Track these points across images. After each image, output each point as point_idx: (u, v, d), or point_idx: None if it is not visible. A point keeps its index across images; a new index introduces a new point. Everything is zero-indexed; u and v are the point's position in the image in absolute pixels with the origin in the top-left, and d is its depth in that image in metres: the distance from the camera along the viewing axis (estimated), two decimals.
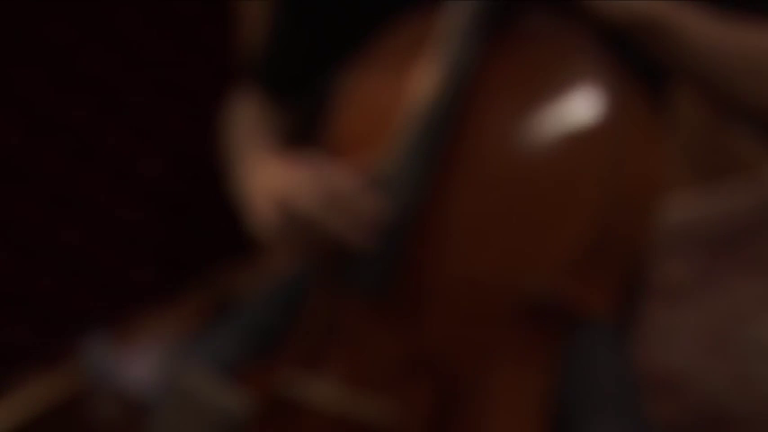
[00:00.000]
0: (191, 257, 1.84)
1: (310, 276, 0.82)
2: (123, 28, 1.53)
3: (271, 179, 0.80)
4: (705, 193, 2.51)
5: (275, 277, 1.05)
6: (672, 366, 1.80)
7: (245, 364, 0.80)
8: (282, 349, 0.81)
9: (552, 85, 0.75)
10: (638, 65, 0.76)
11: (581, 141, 0.72)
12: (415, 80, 0.78)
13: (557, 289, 0.69)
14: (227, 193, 1.38)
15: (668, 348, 1.85)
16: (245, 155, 0.96)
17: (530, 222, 0.72)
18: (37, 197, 1.50)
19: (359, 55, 0.85)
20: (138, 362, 1.81)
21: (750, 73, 0.75)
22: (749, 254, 2.19)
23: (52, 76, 1.44)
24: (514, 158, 0.74)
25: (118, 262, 1.69)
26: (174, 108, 1.67)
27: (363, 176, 0.74)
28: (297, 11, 0.98)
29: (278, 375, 0.77)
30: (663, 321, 1.95)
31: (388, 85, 0.81)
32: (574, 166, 0.71)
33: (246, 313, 0.98)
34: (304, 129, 1.01)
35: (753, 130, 0.82)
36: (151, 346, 1.84)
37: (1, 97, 1.38)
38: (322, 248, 0.74)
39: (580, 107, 0.73)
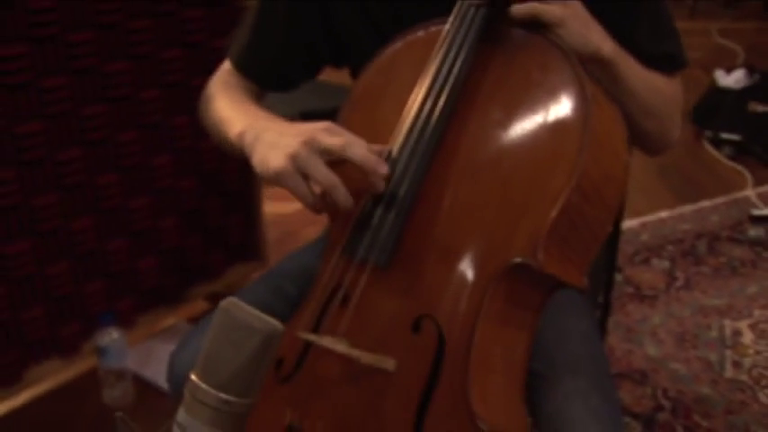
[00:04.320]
0: (199, 256, 1.90)
1: (323, 248, 0.91)
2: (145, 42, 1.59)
3: (289, 128, 0.85)
4: (679, 213, 2.61)
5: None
6: (648, 357, 1.88)
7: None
8: (298, 313, 0.89)
9: (532, 88, 0.84)
10: None
11: (556, 137, 0.81)
12: (417, 85, 0.87)
13: (540, 263, 0.78)
14: (233, 199, 1.41)
15: (644, 342, 1.93)
16: (243, 111, 0.99)
17: (511, 202, 0.80)
18: (58, 190, 1.56)
19: (367, 60, 0.94)
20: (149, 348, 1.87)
21: (649, 99, 0.95)
22: (713, 265, 2.28)
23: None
24: (499, 150, 0.82)
25: (132, 256, 1.75)
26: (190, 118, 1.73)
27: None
28: (287, 21, 1.05)
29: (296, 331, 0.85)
30: (640, 320, 2.03)
31: (395, 87, 0.89)
32: (549, 158, 0.80)
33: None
34: None
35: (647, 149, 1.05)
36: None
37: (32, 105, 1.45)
38: (329, 186, 0.79)
39: (556, 109, 0.82)
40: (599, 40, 0.85)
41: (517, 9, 0.82)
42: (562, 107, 0.81)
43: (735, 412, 1.69)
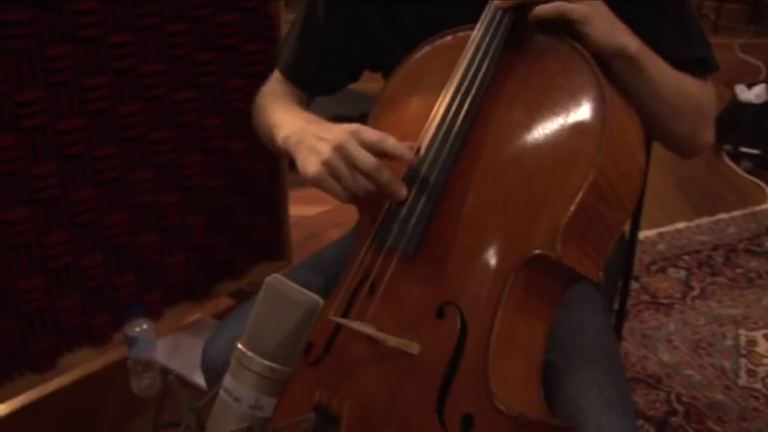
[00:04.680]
0: (225, 253, 1.95)
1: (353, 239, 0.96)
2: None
3: (326, 131, 0.90)
4: (696, 225, 2.64)
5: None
6: (662, 363, 1.91)
7: None
8: (329, 300, 0.94)
9: (554, 91, 0.89)
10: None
11: (575, 138, 0.86)
12: (445, 87, 0.92)
13: (558, 255, 0.83)
14: (260, 199, 1.44)
15: (659, 349, 1.97)
16: (288, 115, 1.05)
17: (532, 197, 0.85)
18: (93, 185, 1.62)
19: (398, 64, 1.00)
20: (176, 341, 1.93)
21: (677, 100, 0.98)
22: (729, 276, 2.31)
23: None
24: (521, 148, 0.88)
25: (162, 250, 1.81)
26: (223, 122, 1.80)
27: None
28: (333, 29, 1.11)
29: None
30: (656, 327, 2.06)
31: (424, 86, 0.95)
32: (570, 154, 0.85)
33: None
34: None
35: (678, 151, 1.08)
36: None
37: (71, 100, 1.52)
38: (364, 189, 0.85)
39: (576, 111, 0.87)
40: (624, 37, 0.90)
41: (543, 8, 0.87)
42: (582, 110, 0.86)
43: (748, 419, 1.72)
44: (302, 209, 2.59)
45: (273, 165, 1.98)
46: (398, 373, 0.87)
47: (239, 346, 0.64)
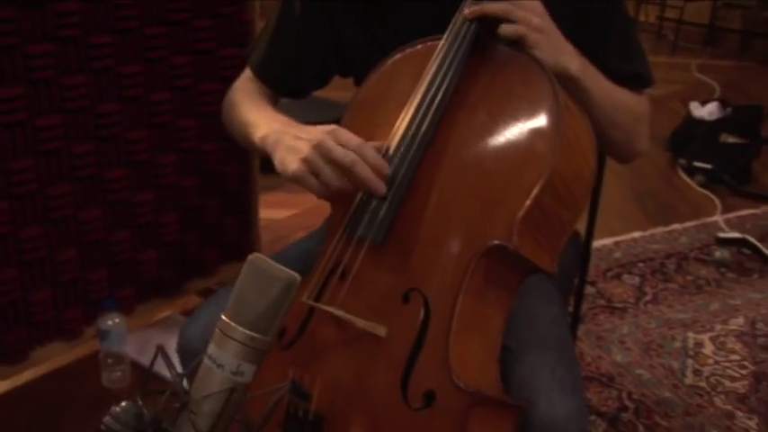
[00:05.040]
0: (196, 251, 2.00)
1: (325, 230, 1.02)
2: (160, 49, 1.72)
3: (304, 132, 0.97)
4: (651, 234, 2.75)
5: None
6: (615, 363, 2.00)
7: None
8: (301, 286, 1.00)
9: (514, 98, 0.97)
10: None
11: (532, 140, 0.93)
12: (414, 91, 0.99)
13: (515, 245, 0.90)
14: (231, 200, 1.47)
15: (612, 350, 2.06)
16: (264, 116, 1.10)
17: (492, 193, 0.92)
18: (69, 181, 1.66)
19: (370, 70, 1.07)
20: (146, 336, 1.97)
21: (615, 111, 1.07)
22: (680, 283, 2.42)
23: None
24: (483, 149, 0.95)
25: (134, 247, 1.85)
26: (197, 124, 1.85)
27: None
28: (302, 33, 1.17)
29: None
30: (610, 329, 2.15)
31: (394, 92, 1.02)
32: (527, 153, 0.93)
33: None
34: None
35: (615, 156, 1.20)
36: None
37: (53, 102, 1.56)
38: (341, 186, 0.91)
39: (534, 116, 0.94)
40: (568, 60, 0.98)
41: (506, 29, 0.95)
42: (539, 115, 0.94)
43: (692, 414, 1.82)
44: (272, 212, 2.65)
45: (245, 167, 2.04)
46: (367, 354, 0.93)
47: (223, 317, 0.70)
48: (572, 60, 1.00)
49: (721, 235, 2.65)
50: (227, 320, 0.69)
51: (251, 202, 2.09)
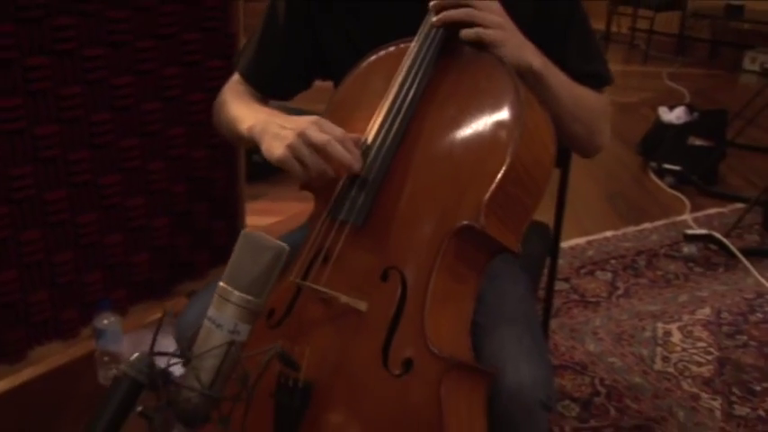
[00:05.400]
0: (186, 255, 2.08)
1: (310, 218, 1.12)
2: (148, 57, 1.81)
3: (288, 122, 1.06)
4: (623, 233, 2.86)
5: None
6: (588, 352, 2.10)
7: None
8: (288, 269, 1.09)
9: (480, 93, 1.07)
10: None
11: (496, 130, 1.03)
12: (388, 89, 1.09)
13: (482, 225, 0.99)
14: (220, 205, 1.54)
15: (586, 340, 2.16)
16: (251, 110, 1.20)
17: (461, 178, 1.02)
18: (65, 187, 1.74)
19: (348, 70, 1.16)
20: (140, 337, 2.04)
21: (575, 107, 1.16)
22: (650, 278, 2.53)
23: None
24: (452, 139, 1.05)
25: (127, 250, 1.93)
26: (186, 132, 1.93)
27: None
28: (287, 37, 1.27)
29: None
30: (583, 322, 2.25)
31: (371, 89, 1.12)
32: (492, 142, 1.03)
33: None
34: None
35: (577, 150, 1.28)
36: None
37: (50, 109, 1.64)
38: (322, 170, 1.01)
39: (497, 109, 1.04)
40: (531, 57, 1.09)
41: (466, 32, 1.05)
42: (502, 108, 1.04)
43: (661, 397, 1.92)
44: (257, 219, 2.73)
45: (232, 173, 2.13)
46: (350, 327, 1.02)
47: (221, 283, 0.79)
48: (534, 57, 1.09)
49: (689, 232, 2.76)
50: (225, 285, 0.78)
51: (238, 207, 2.17)
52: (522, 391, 1.05)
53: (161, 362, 0.81)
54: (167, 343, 1.23)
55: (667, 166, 3.31)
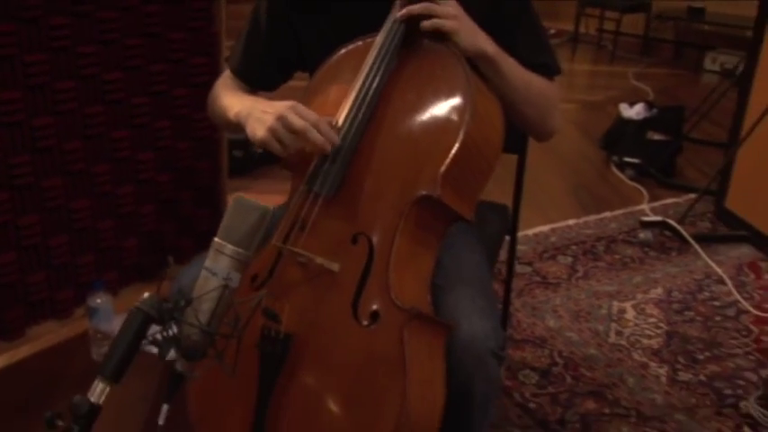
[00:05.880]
0: (172, 240, 2.22)
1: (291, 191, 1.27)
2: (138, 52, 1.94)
3: (269, 107, 1.20)
4: (584, 221, 3.03)
5: None
6: (548, 327, 2.27)
7: None
8: (269, 238, 1.24)
9: (436, 80, 1.22)
10: None
11: (451, 111, 1.19)
12: (356, 77, 1.24)
13: (438, 194, 1.15)
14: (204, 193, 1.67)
15: (546, 317, 2.32)
16: (237, 99, 1.35)
17: (420, 154, 1.17)
18: (61, 175, 1.88)
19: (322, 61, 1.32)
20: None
21: (527, 91, 1.30)
22: (608, 261, 2.70)
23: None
24: (412, 120, 1.20)
25: (118, 235, 2.08)
26: (172, 125, 2.07)
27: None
28: (268, 38, 1.43)
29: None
30: (544, 301, 2.42)
31: (341, 78, 1.27)
32: (446, 122, 1.19)
33: None
34: None
35: (531, 133, 1.41)
36: None
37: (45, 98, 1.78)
38: (299, 147, 1.16)
39: (451, 94, 1.20)
40: (484, 43, 1.24)
41: (424, 23, 1.21)
42: (455, 94, 1.20)
43: (613, 366, 2.08)
44: None
45: (215, 164, 2.27)
46: (324, 286, 1.17)
47: (216, 239, 0.93)
48: (486, 44, 1.24)
49: (644, 218, 2.94)
50: (220, 241, 0.93)
51: (221, 194, 2.32)
52: (474, 341, 1.20)
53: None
54: None
55: (628, 159, 3.49)
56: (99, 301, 1.97)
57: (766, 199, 2.77)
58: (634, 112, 3.66)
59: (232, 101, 1.35)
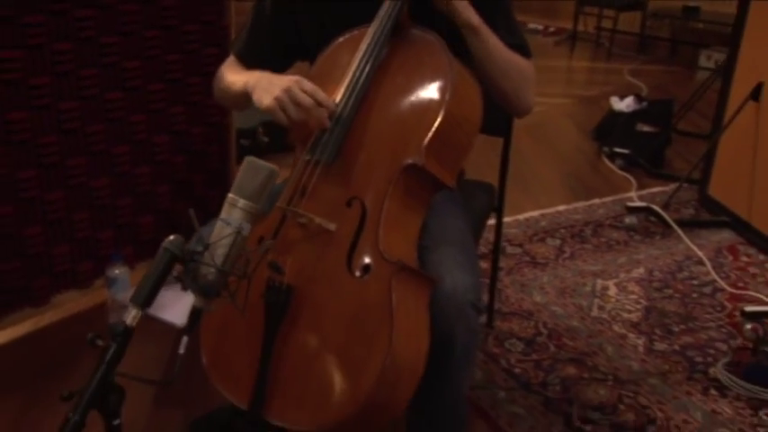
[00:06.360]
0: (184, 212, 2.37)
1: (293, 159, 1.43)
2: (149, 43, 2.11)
3: (276, 79, 1.36)
4: (574, 207, 3.19)
5: None
6: (535, 302, 2.42)
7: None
8: (274, 204, 1.40)
9: (423, 65, 1.39)
10: (467, 57, 1.42)
11: (434, 90, 1.35)
12: (351, 63, 1.40)
13: (423, 163, 1.31)
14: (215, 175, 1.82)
15: (533, 293, 2.48)
16: (246, 73, 1.49)
17: (406, 127, 1.34)
18: (84, 155, 2.05)
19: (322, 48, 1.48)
20: None
21: (505, 64, 1.45)
22: (594, 244, 2.85)
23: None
24: (401, 98, 1.37)
25: (135, 212, 2.24)
26: (185, 110, 2.23)
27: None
28: (270, 25, 1.58)
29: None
30: (532, 279, 2.58)
31: (339, 63, 1.43)
32: (430, 101, 1.35)
33: None
34: None
35: (508, 108, 1.53)
36: None
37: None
38: (301, 119, 1.31)
39: (435, 76, 1.36)
40: (471, 14, 1.39)
41: None
42: (438, 77, 1.36)
43: (594, 336, 2.24)
44: None
45: (225, 148, 2.43)
46: (322, 243, 1.33)
47: (230, 194, 1.10)
48: (473, 15, 1.40)
49: (630, 204, 3.10)
50: (233, 196, 1.09)
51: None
52: (455, 293, 1.36)
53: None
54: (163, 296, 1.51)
55: (618, 150, 3.64)
56: (117, 272, 2.14)
57: (745, 186, 2.92)
58: (624, 104, 3.81)
59: (239, 76, 1.51)
